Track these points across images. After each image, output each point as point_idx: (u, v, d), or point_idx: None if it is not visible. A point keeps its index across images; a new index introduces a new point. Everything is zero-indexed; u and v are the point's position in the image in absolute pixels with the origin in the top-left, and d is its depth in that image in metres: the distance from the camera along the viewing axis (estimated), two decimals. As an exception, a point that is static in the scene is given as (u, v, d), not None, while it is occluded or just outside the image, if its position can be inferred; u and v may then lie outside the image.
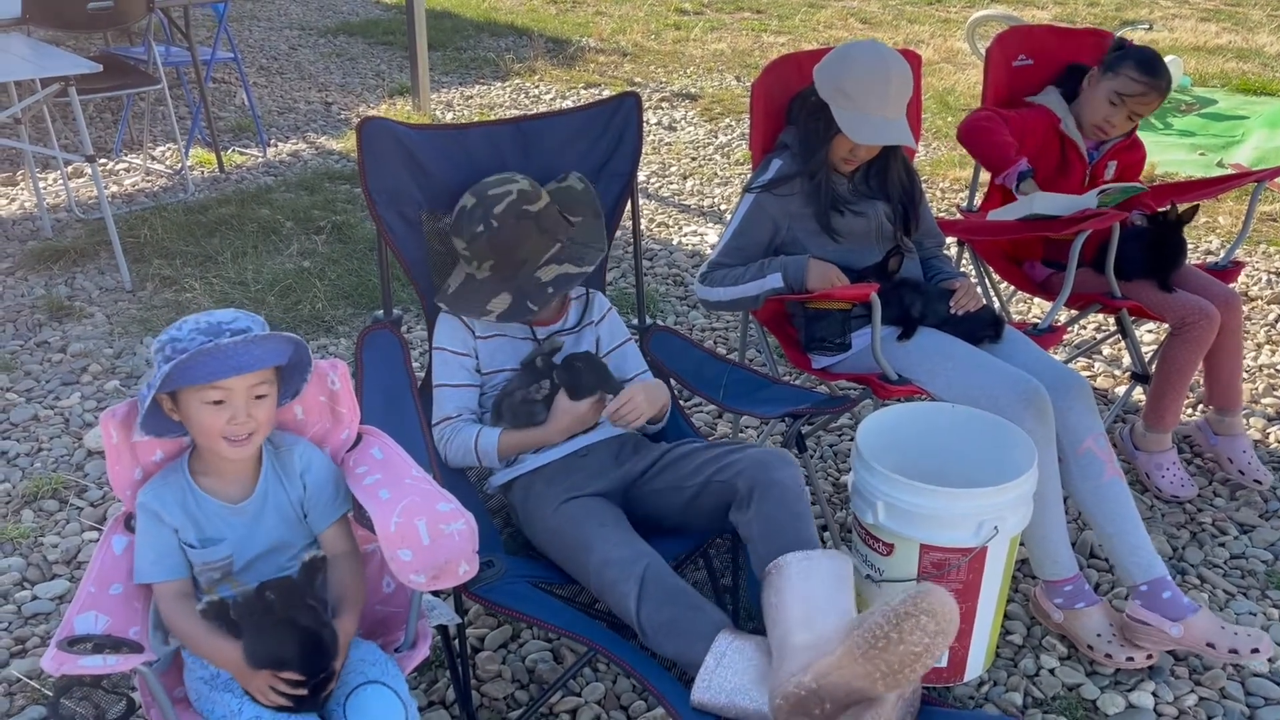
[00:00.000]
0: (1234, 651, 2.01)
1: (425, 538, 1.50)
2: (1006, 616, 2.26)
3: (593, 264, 2.07)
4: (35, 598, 2.28)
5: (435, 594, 1.80)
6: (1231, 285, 2.71)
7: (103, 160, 4.82)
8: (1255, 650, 2.00)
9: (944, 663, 2.00)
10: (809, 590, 1.70)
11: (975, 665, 2.02)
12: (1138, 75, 2.61)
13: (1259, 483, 2.65)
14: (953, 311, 2.30)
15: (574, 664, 1.96)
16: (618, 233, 2.43)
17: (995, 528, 1.88)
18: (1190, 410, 3.00)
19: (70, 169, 4.61)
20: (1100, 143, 2.77)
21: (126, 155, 4.94)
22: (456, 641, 1.97)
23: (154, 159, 4.92)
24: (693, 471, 1.93)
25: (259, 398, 1.54)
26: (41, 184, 4.53)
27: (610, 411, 1.99)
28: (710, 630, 1.68)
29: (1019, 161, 2.61)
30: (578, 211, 2.14)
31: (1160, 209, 2.65)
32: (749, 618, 2.16)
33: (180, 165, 4.68)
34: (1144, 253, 2.62)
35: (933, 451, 2.13)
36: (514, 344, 2.13)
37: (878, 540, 1.97)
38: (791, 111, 2.42)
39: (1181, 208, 2.62)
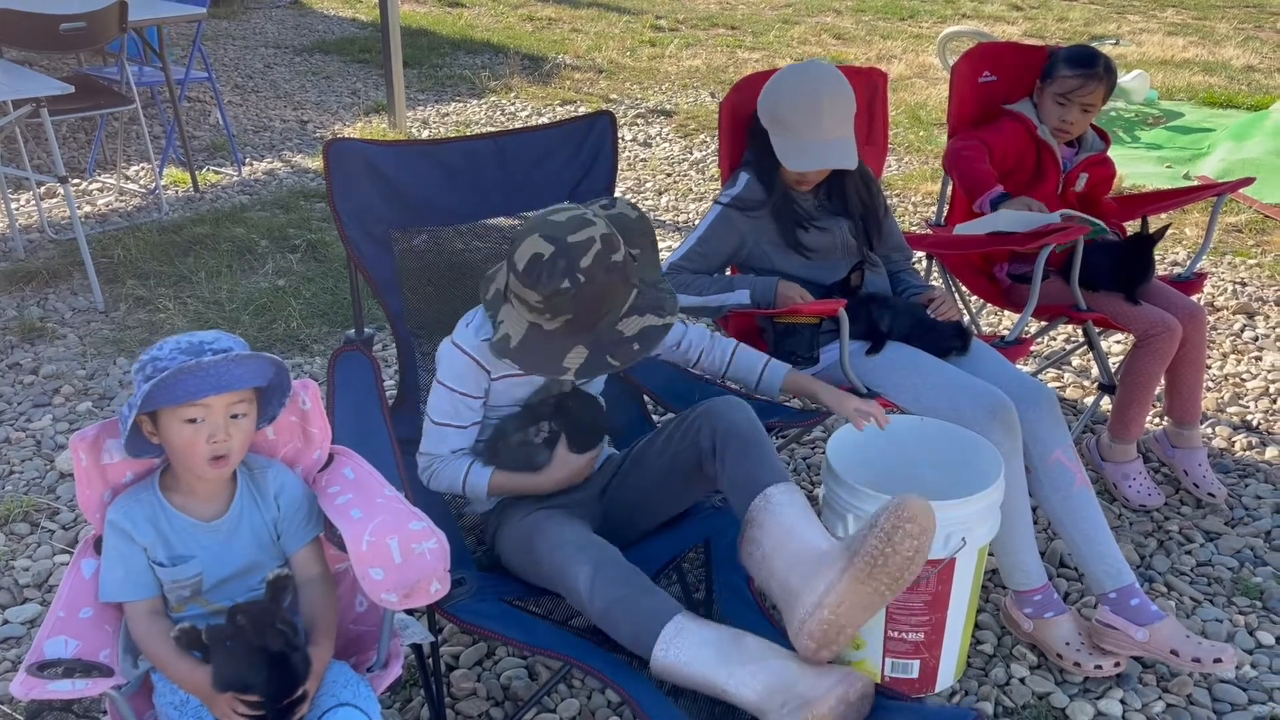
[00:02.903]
0: (1197, 661, 2.03)
1: (397, 556, 1.50)
2: (978, 626, 2.29)
3: (674, 312, 1.87)
4: (6, 622, 2.26)
5: (409, 612, 1.80)
6: (1196, 297, 2.75)
7: (76, 180, 4.80)
8: (1218, 660, 2.03)
9: (915, 674, 2.02)
10: (782, 528, 1.73)
11: (946, 676, 2.04)
12: (1070, 71, 2.72)
13: (1212, 496, 2.68)
14: (930, 313, 2.34)
15: (549, 680, 1.97)
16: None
17: (963, 539, 1.91)
18: (1156, 420, 3.04)
19: (43, 189, 4.59)
20: (1075, 152, 2.84)
21: (100, 175, 4.92)
22: (430, 660, 1.97)
23: (128, 179, 4.90)
24: (656, 453, 1.96)
25: (236, 417, 1.55)
26: (14, 205, 4.51)
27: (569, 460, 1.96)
28: (667, 610, 1.70)
29: (994, 189, 2.69)
30: (635, 242, 1.92)
31: (1130, 223, 2.70)
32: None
33: (154, 185, 4.67)
34: (1113, 266, 2.67)
35: (902, 464, 2.15)
36: (533, 381, 2.00)
37: None
38: (750, 133, 2.45)
39: (1153, 226, 2.67)
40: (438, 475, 1.97)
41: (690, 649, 1.65)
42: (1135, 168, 5.21)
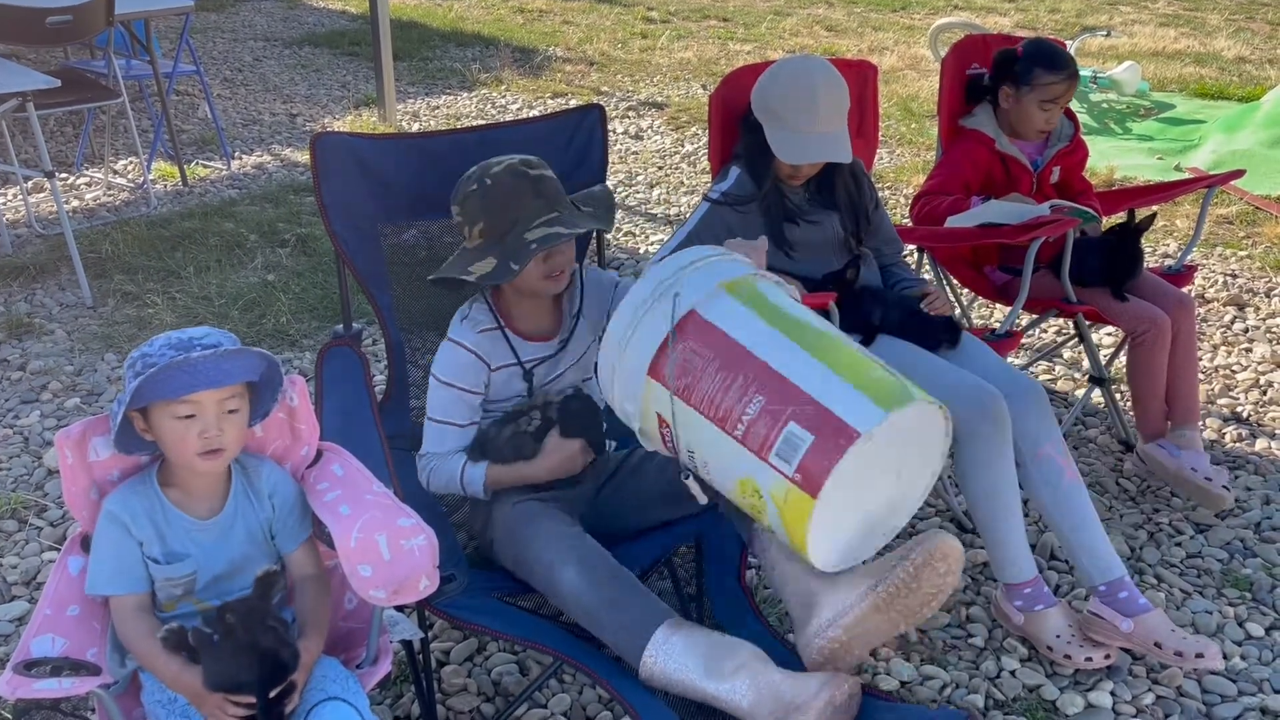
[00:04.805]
0: (1179, 654, 2.04)
1: (386, 553, 1.50)
2: (969, 620, 2.29)
3: (583, 228, 1.92)
4: (-6, 620, 2.26)
5: (398, 609, 1.80)
6: (1186, 289, 2.75)
7: (63, 175, 4.77)
8: (1199, 655, 2.03)
9: (810, 440, 1.51)
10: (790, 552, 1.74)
11: (862, 413, 1.52)
12: (1053, 77, 2.66)
13: (1226, 489, 2.58)
14: (924, 308, 2.34)
15: (540, 676, 1.97)
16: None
17: (675, 295, 1.63)
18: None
19: (30, 184, 4.56)
20: (1044, 144, 2.81)
21: (88, 169, 4.89)
22: (421, 656, 1.97)
23: (116, 173, 4.88)
24: (656, 467, 1.97)
25: (230, 412, 1.54)
26: (0, 200, 4.48)
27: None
28: (654, 616, 1.70)
29: (972, 200, 2.67)
30: (593, 206, 2.03)
31: (1117, 216, 2.69)
32: (716, 628, 2.17)
33: (142, 179, 4.64)
34: (1102, 261, 2.66)
35: None
36: (525, 371, 2.02)
37: None
38: (742, 126, 2.44)
39: (1139, 217, 2.66)
40: (435, 474, 1.97)
41: (678, 657, 1.65)
42: (1126, 159, 5.21)
